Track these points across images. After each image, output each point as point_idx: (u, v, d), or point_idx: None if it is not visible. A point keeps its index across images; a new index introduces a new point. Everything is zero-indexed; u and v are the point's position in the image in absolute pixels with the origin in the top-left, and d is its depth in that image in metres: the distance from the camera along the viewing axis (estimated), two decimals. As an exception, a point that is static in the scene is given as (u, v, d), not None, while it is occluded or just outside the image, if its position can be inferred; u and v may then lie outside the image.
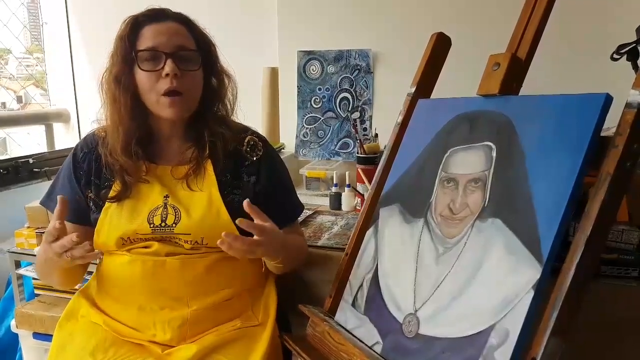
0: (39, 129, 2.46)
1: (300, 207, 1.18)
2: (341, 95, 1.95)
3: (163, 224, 0.99)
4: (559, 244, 0.68)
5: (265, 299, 1.09)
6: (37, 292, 1.53)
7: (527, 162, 0.76)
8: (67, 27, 2.45)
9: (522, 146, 0.78)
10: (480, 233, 0.78)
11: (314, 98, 1.98)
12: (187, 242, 0.99)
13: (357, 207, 1.58)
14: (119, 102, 0.99)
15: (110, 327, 1.01)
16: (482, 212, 0.79)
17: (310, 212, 1.56)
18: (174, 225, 0.99)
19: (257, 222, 0.92)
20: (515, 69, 0.87)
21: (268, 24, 2.06)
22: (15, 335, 1.55)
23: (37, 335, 1.47)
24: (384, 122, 1.78)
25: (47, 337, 1.40)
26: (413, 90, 1.07)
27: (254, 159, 1.08)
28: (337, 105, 1.96)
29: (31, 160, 2.05)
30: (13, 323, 1.50)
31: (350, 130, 1.93)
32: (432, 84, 1.09)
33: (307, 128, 2.00)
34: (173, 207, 1.00)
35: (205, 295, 1.01)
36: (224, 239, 0.86)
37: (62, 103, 2.54)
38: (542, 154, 0.75)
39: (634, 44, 1.02)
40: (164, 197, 1.01)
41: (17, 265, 1.52)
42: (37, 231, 1.47)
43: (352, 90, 1.93)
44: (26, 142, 2.48)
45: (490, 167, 0.81)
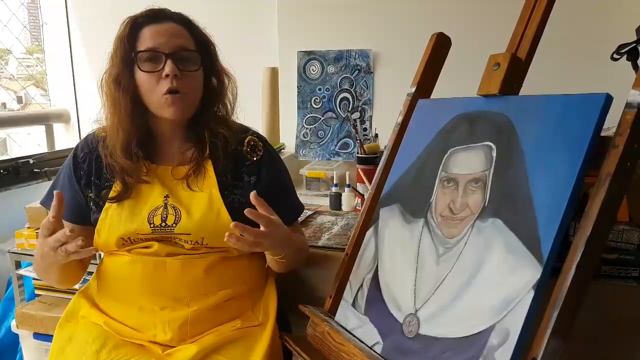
0: (39, 130, 2.46)
1: (301, 207, 1.18)
2: (341, 96, 1.95)
3: (163, 224, 0.99)
4: (559, 244, 0.68)
5: (265, 300, 1.09)
6: (37, 292, 1.54)
7: (527, 162, 0.76)
8: (67, 27, 2.45)
9: (522, 146, 0.78)
10: (480, 233, 0.78)
11: (314, 98, 1.98)
12: (187, 242, 1.00)
13: (357, 207, 1.58)
14: (119, 104, 0.98)
15: (110, 328, 1.01)
16: (482, 212, 0.79)
17: (310, 212, 1.56)
18: (174, 225, 0.99)
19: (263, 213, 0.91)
20: (515, 69, 0.87)
21: (268, 24, 2.06)
22: (16, 336, 1.55)
23: (37, 336, 1.47)
24: (384, 122, 1.78)
25: (48, 337, 1.40)
26: (413, 90, 1.08)
27: (255, 159, 1.08)
28: (337, 105, 1.96)
29: (31, 161, 2.05)
30: (13, 323, 1.50)
31: (351, 130, 1.93)
32: (432, 84, 1.09)
33: (307, 128, 2.00)
34: (173, 207, 1.00)
35: (206, 295, 1.01)
36: (234, 229, 0.85)
37: (62, 103, 2.54)
38: (542, 154, 0.75)
39: (634, 44, 1.02)
40: (164, 197, 1.01)
41: (18, 265, 1.53)
42: (37, 231, 1.47)
43: (352, 90, 1.93)
44: (26, 143, 2.47)
45: (490, 167, 0.81)
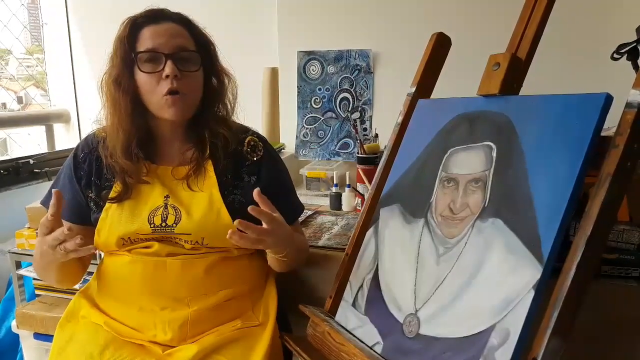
0: (40, 130, 2.46)
1: (301, 207, 1.18)
2: (341, 96, 1.95)
3: (163, 224, 0.99)
4: (559, 244, 0.68)
5: (265, 300, 1.09)
6: (37, 292, 1.54)
7: (528, 162, 0.76)
8: (67, 27, 2.45)
9: (522, 146, 0.78)
10: (480, 233, 0.78)
11: (314, 98, 1.98)
12: (187, 243, 1.00)
13: (358, 208, 1.58)
14: (119, 104, 0.98)
15: (111, 328, 1.01)
16: (482, 212, 0.79)
17: (310, 213, 1.55)
18: (174, 225, 0.99)
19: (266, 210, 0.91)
20: (515, 69, 0.87)
21: (268, 24, 2.06)
22: (16, 336, 1.55)
23: (37, 336, 1.47)
24: (384, 122, 1.78)
25: (48, 337, 1.40)
26: (413, 90, 1.07)
27: (255, 159, 1.08)
28: (337, 105, 1.96)
29: (32, 161, 2.05)
30: (14, 323, 1.50)
31: (351, 130, 1.93)
32: (432, 84, 1.09)
33: (307, 128, 2.00)
34: (173, 207, 1.00)
35: (206, 295, 1.01)
36: (238, 225, 0.84)
37: (63, 103, 2.54)
38: (542, 154, 0.75)
39: (634, 44, 1.02)
40: (165, 197, 1.01)
41: (18, 265, 1.52)
42: (37, 231, 1.47)
43: (352, 90, 1.93)
44: (27, 143, 2.48)
45: (490, 167, 0.81)
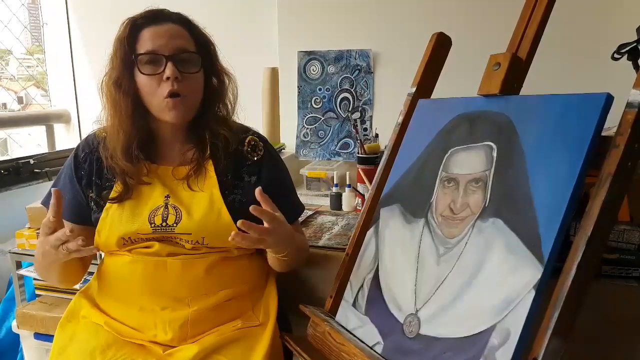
0: (40, 130, 2.46)
1: (301, 207, 1.18)
2: (341, 96, 1.95)
3: (164, 224, 0.99)
4: (559, 244, 0.68)
5: (265, 300, 1.09)
6: (38, 292, 1.54)
7: (528, 162, 0.76)
8: (67, 27, 2.45)
9: (522, 146, 0.78)
10: (481, 233, 0.78)
11: (314, 98, 1.98)
12: (188, 242, 1.00)
13: (358, 208, 1.58)
14: (119, 106, 0.98)
15: (111, 328, 1.01)
16: (482, 212, 0.79)
17: (310, 213, 1.55)
18: (174, 225, 0.99)
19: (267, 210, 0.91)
20: (515, 69, 0.87)
21: (268, 24, 2.06)
22: (17, 336, 1.55)
23: (38, 336, 1.47)
24: (384, 122, 1.78)
25: (48, 337, 1.40)
26: (413, 90, 1.07)
27: (255, 159, 1.08)
28: (338, 105, 1.96)
29: (32, 161, 2.05)
30: (14, 323, 1.50)
31: (351, 130, 1.93)
32: (433, 84, 1.09)
33: (307, 128, 2.00)
34: (174, 207, 1.00)
35: (206, 295, 1.01)
36: (240, 225, 0.84)
37: (63, 104, 2.55)
38: (542, 154, 0.75)
39: (635, 44, 1.02)
40: (165, 197, 1.01)
41: (18, 265, 1.53)
42: (38, 232, 1.46)
43: (352, 90, 1.93)
44: (27, 143, 2.48)
45: (491, 167, 0.81)
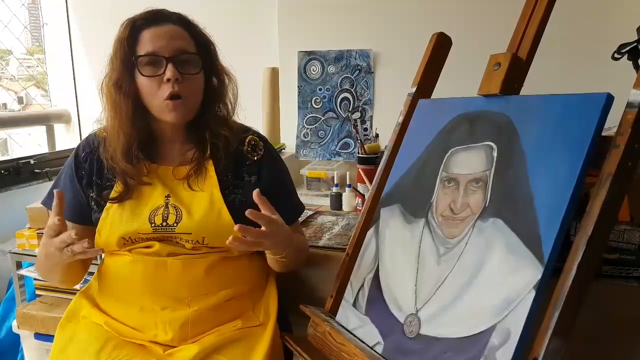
0: (40, 130, 2.46)
1: (301, 207, 1.18)
2: (342, 96, 1.95)
3: (164, 224, 0.99)
4: (560, 244, 0.67)
5: (266, 300, 1.09)
6: (38, 292, 1.54)
7: (528, 162, 0.76)
8: (67, 27, 2.45)
9: (523, 146, 0.78)
10: (481, 233, 0.78)
11: (314, 98, 1.98)
12: (188, 242, 1.00)
13: (358, 208, 1.58)
14: (119, 108, 0.99)
15: (111, 328, 1.01)
16: (483, 212, 0.79)
17: (311, 213, 1.55)
18: (175, 224, 0.99)
19: (264, 213, 0.91)
20: (516, 69, 0.87)
21: (268, 24, 2.06)
22: (17, 336, 1.55)
23: (38, 336, 1.47)
24: (384, 122, 1.78)
25: (49, 337, 1.40)
26: (414, 90, 1.07)
27: (255, 158, 1.08)
28: (338, 105, 1.96)
29: (32, 161, 2.05)
30: (14, 324, 1.50)
31: (351, 130, 1.93)
32: (433, 84, 1.09)
33: (307, 128, 2.00)
34: (174, 207, 1.00)
35: (206, 295, 1.01)
36: (238, 230, 0.84)
37: (63, 104, 2.55)
38: (543, 153, 0.75)
39: (635, 44, 1.02)
40: (166, 197, 1.01)
41: (19, 266, 1.53)
42: (38, 232, 1.47)
43: (352, 90, 1.93)
44: (27, 143, 2.48)
45: (491, 167, 0.81)
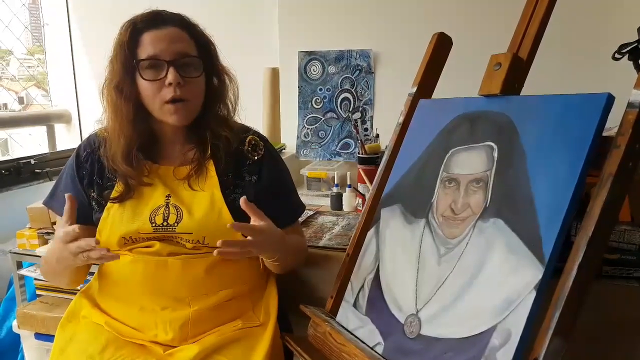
0: (41, 130, 2.46)
1: (302, 207, 1.18)
2: (342, 96, 1.95)
3: (165, 223, 0.99)
4: (560, 244, 0.67)
5: (266, 300, 1.09)
6: (38, 292, 1.54)
7: (529, 163, 0.76)
8: (68, 27, 2.45)
9: (523, 146, 0.78)
10: (481, 233, 0.78)
11: (315, 98, 1.98)
12: (188, 242, 1.00)
13: (359, 208, 1.58)
14: (120, 111, 0.99)
15: (112, 328, 1.01)
16: (483, 213, 0.79)
17: (311, 213, 1.55)
18: (175, 224, 0.99)
19: (252, 222, 0.93)
20: (516, 69, 0.87)
21: (268, 24, 2.06)
22: (17, 336, 1.55)
23: (38, 336, 1.47)
24: (385, 123, 1.78)
25: (49, 337, 1.40)
26: (414, 90, 1.07)
27: (256, 158, 1.08)
28: (338, 105, 1.96)
29: (33, 161, 2.05)
30: (15, 323, 1.50)
31: (351, 130, 1.93)
32: (433, 84, 1.08)
33: (308, 128, 2.00)
34: (175, 207, 1.00)
35: (207, 295, 1.01)
36: (220, 245, 0.85)
37: (64, 104, 2.55)
38: (543, 154, 0.75)
39: (636, 44, 1.02)
40: (166, 196, 1.01)
41: (19, 265, 1.53)
42: (38, 232, 1.48)
43: (353, 90, 1.93)
44: (28, 143, 2.48)
45: (491, 167, 0.81)
